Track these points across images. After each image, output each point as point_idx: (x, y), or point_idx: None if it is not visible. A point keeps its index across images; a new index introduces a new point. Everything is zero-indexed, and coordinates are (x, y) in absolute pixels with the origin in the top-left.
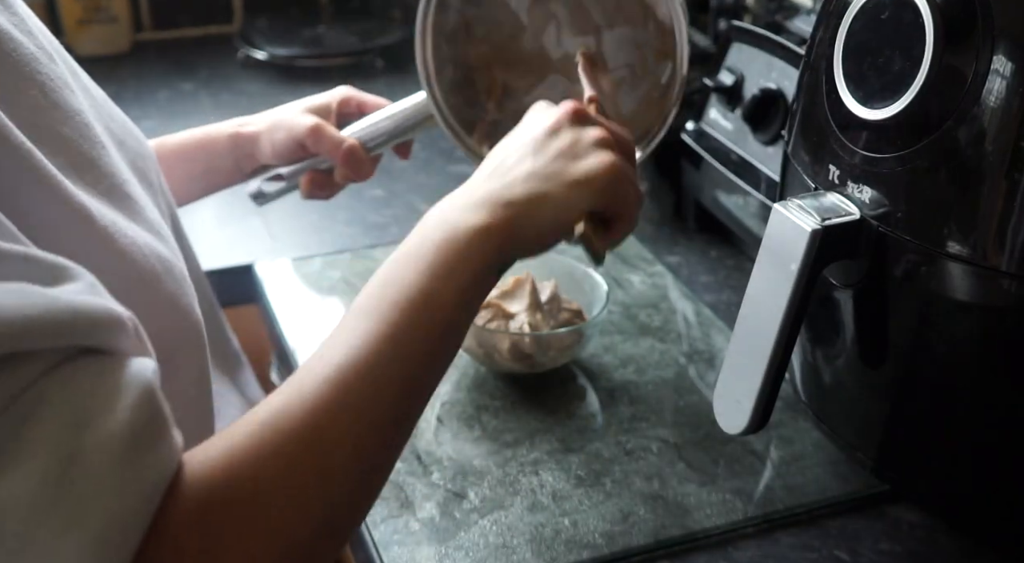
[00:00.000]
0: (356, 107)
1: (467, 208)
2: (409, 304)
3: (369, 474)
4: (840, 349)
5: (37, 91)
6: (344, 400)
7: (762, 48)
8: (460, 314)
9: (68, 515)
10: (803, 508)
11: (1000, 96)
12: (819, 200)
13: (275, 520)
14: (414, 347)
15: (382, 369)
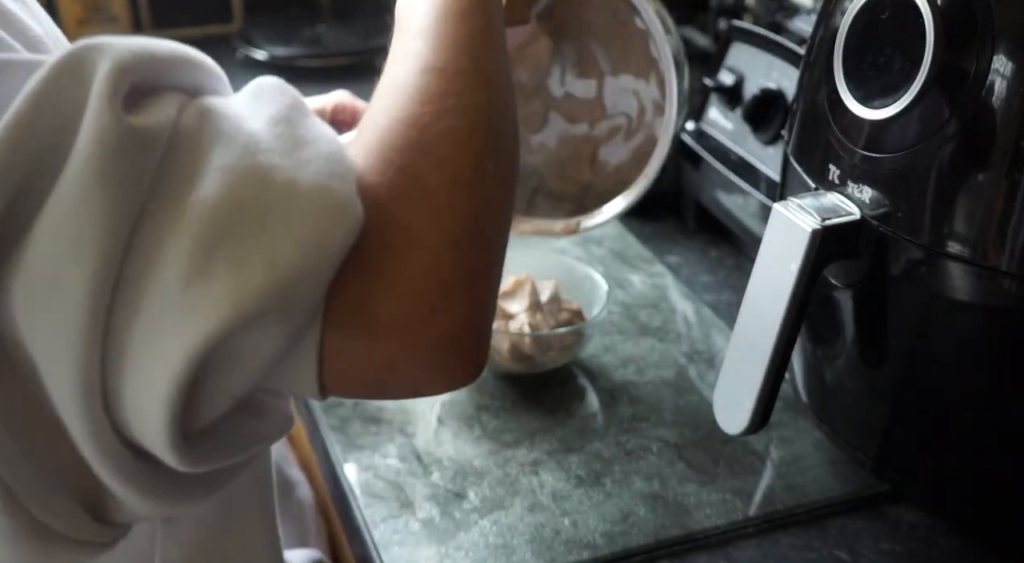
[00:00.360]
0: (351, 114)
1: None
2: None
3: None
4: (840, 349)
5: None
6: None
7: (762, 48)
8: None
9: (285, 169)
10: (803, 508)
11: (1000, 96)
12: (819, 200)
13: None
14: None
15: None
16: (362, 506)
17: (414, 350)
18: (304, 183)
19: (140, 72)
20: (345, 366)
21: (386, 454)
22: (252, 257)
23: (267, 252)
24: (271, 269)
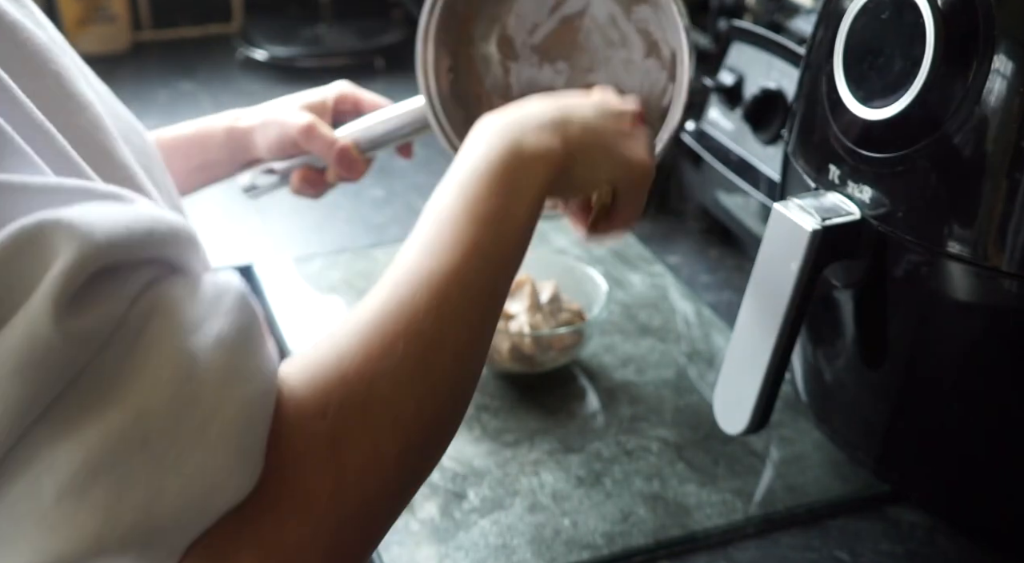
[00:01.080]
0: (352, 105)
1: (535, 129)
2: (488, 218)
3: (466, 374)
4: (840, 349)
5: (52, 81)
6: (440, 304)
7: (762, 48)
8: (528, 230)
9: (203, 410)
10: (803, 508)
11: (1000, 96)
12: (819, 200)
13: (388, 411)
14: (495, 257)
15: (472, 278)
16: None
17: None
18: (214, 432)
19: (104, 261)
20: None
21: None
22: (133, 494)
23: (150, 493)
24: (147, 513)
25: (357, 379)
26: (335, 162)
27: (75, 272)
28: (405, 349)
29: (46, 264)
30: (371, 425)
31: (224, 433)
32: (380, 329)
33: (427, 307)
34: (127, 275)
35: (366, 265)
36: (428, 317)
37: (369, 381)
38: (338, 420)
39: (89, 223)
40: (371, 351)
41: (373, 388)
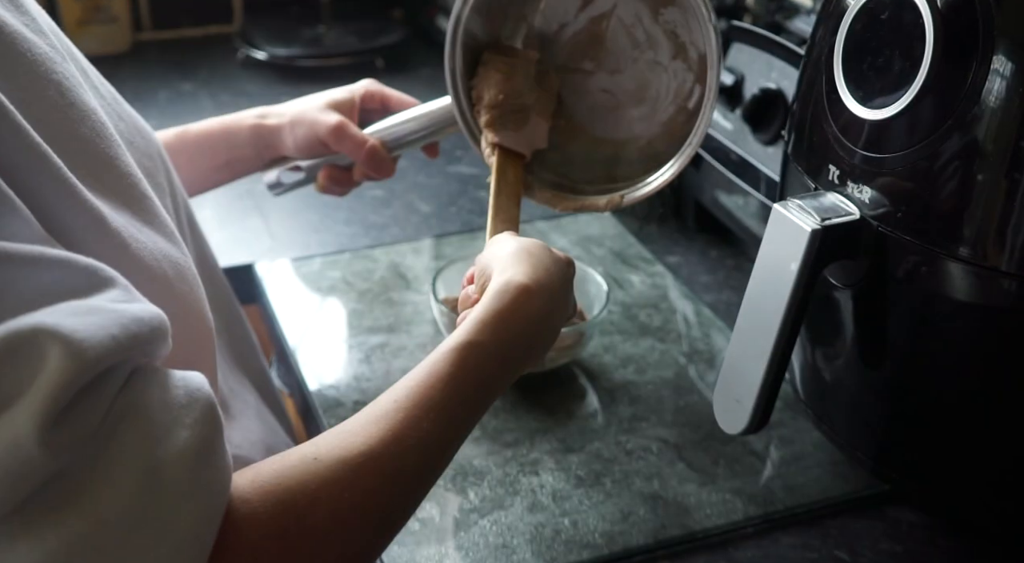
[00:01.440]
0: (380, 102)
1: (532, 345)
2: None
3: (395, 521)
4: (840, 349)
5: (54, 91)
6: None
7: (762, 48)
8: (479, 415)
9: (159, 522)
10: (803, 508)
11: (1000, 96)
12: (819, 200)
13: (323, 551)
14: (450, 447)
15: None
16: None
17: None
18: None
19: (91, 375)
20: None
21: None
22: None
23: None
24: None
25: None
26: (364, 161)
27: (64, 389)
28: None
29: (36, 373)
30: (321, 554)
31: (175, 548)
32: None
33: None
34: (106, 380)
35: (366, 265)
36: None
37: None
38: (293, 546)
39: (80, 337)
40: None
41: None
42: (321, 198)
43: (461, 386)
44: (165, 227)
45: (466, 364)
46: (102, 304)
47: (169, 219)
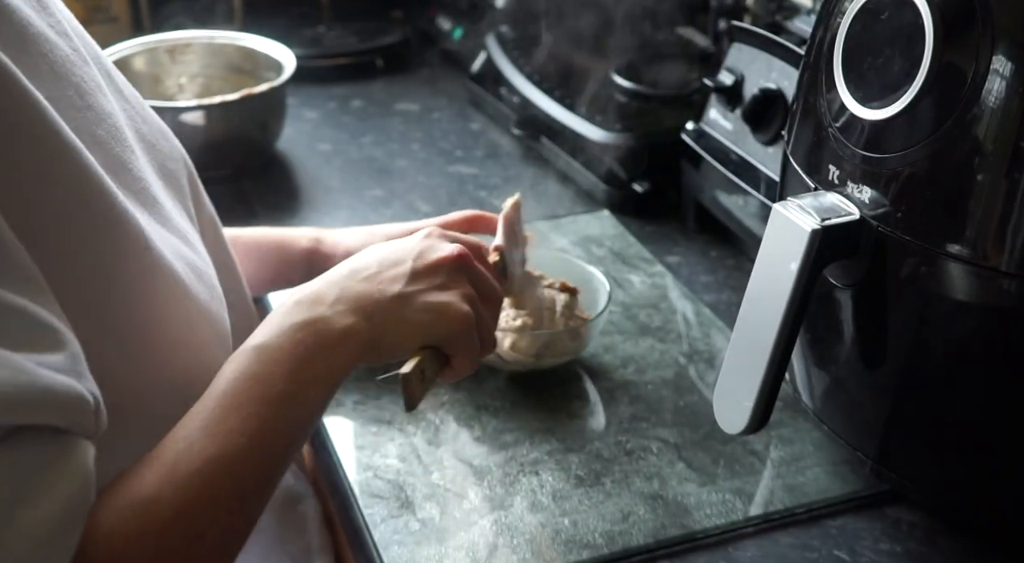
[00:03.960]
0: (485, 226)
1: (335, 312)
2: (275, 404)
3: (231, 547)
4: (840, 349)
5: (73, 92)
6: (213, 494)
7: (762, 48)
8: (318, 413)
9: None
10: (803, 508)
11: (1000, 96)
12: (819, 200)
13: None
14: (276, 442)
15: (249, 464)
16: (362, 506)
17: None
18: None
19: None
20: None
21: (386, 454)
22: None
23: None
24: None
25: (133, 555)
26: None
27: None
28: (171, 544)
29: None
30: None
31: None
32: (151, 518)
33: (200, 499)
34: None
35: None
36: (199, 511)
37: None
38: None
39: None
40: (142, 539)
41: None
42: (321, 197)
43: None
44: (179, 230)
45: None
46: (18, 361)
47: (185, 223)
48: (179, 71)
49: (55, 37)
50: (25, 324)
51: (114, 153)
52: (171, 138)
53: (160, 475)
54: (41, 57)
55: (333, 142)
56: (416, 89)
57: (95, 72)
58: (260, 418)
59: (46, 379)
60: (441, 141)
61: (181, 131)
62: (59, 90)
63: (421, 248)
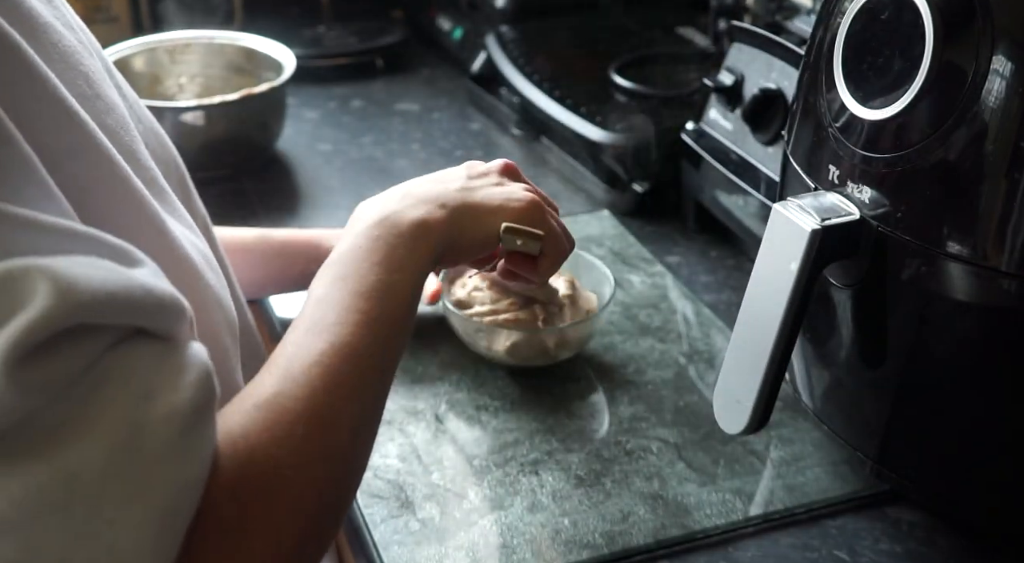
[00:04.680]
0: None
1: (406, 205)
2: (370, 293)
3: (360, 449)
4: (840, 349)
5: (83, 81)
6: (335, 382)
7: (762, 48)
8: (412, 299)
9: (134, 484)
10: (803, 508)
11: (1000, 96)
12: (819, 200)
13: (292, 495)
14: (380, 329)
15: (359, 350)
16: (362, 506)
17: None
18: (137, 513)
19: (75, 320)
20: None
21: (386, 454)
22: (38, 558)
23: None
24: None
25: (264, 461)
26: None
27: (41, 325)
28: (305, 431)
29: (17, 307)
30: (275, 511)
31: (146, 516)
32: (280, 411)
33: (323, 387)
34: (96, 333)
35: None
36: (325, 397)
37: (274, 465)
38: (246, 505)
39: (73, 279)
40: (274, 434)
41: (278, 472)
42: (321, 197)
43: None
44: (185, 219)
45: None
46: (115, 266)
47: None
48: (179, 71)
49: (62, 28)
50: (104, 247)
51: (123, 142)
52: (165, 140)
53: (277, 376)
54: (52, 46)
55: (333, 142)
56: (416, 89)
57: (99, 65)
58: (358, 310)
59: (145, 280)
60: (441, 141)
61: (181, 131)
62: (70, 79)
63: (468, 164)
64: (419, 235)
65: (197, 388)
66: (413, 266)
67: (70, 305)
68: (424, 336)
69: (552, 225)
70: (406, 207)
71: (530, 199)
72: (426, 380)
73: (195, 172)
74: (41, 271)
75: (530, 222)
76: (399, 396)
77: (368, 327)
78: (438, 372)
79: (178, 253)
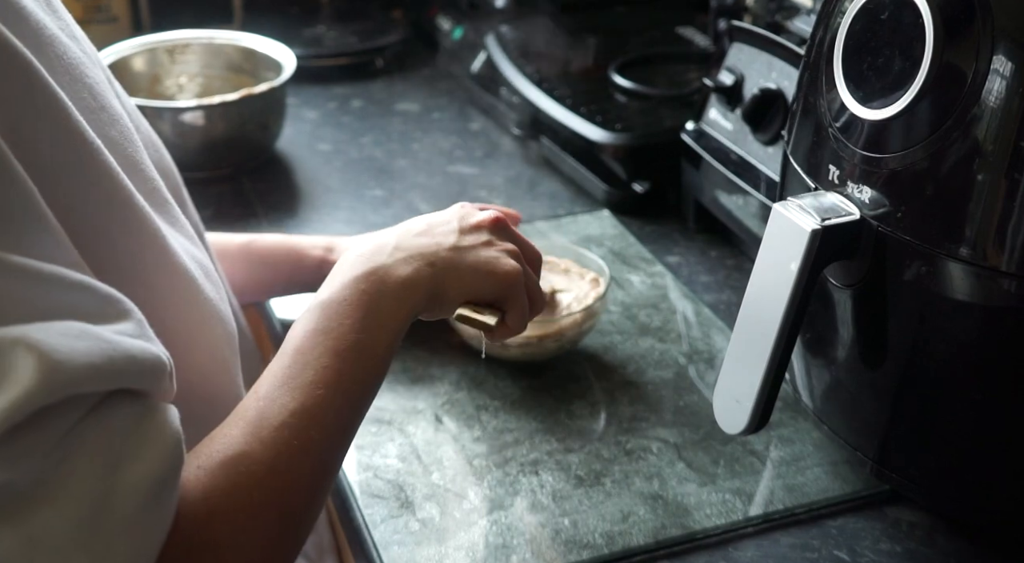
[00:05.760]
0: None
1: (395, 261)
2: (347, 353)
3: (314, 507)
4: (840, 349)
5: (87, 93)
6: (300, 447)
7: (762, 48)
8: (387, 358)
9: (95, 552)
10: (803, 508)
11: (1000, 96)
12: (819, 200)
13: (244, 553)
14: (352, 392)
15: (329, 415)
16: (362, 506)
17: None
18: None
19: (57, 397)
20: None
21: (386, 454)
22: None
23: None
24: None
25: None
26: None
27: (24, 404)
28: (263, 497)
29: (3, 384)
30: (234, 558)
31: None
32: (242, 474)
33: (288, 452)
34: (75, 403)
35: None
36: (288, 462)
37: (230, 528)
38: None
39: (60, 356)
40: (233, 499)
41: (232, 535)
42: (320, 197)
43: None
44: (186, 230)
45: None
46: (99, 332)
47: (189, 226)
48: (179, 71)
49: (67, 39)
50: (92, 298)
51: (127, 154)
52: (161, 148)
53: (247, 432)
54: (57, 58)
55: (333, 142)
56: (416, 89)
57: (102, 75)
58: (335, 370)
59: (126, 345)
60: (441, 141)
61: (181, 131)
62: (75, 91)
63: (461, 213)
64: (404, 295)
65: (165, 459)
66: (394, 324)
67: (54, 384)
68: (424, 336)
69: (520, 300)
70: (396, 263)
71: (510, 269)
72: (426, 380)
73: (195, 172)
74: (29, 346)
75: (507, 297)
76: (399, 396)
77: (341, 389)
78: (438, 372)
79: (178, 269)
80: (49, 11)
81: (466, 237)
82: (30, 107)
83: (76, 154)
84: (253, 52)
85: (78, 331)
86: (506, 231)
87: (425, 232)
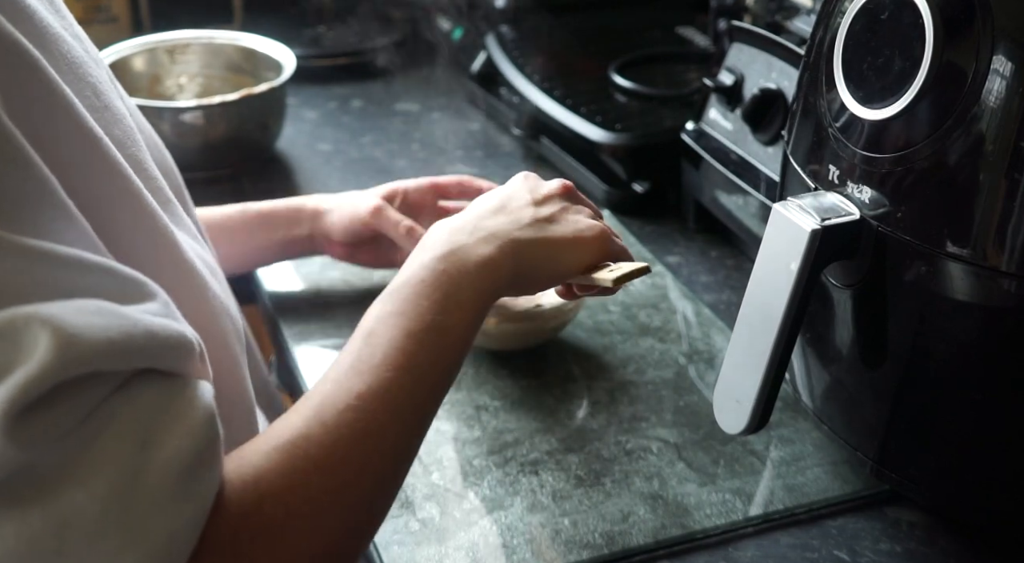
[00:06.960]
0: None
1: (476, 240)
2: (423, 335)
3: (383, 498)
4: (840, 349)
5: (91, 92)
6: (366, 428)
7: (762, 48)
8: (467, 341)
9: (129, 531)
10: (803, 508)
11: (1000, 96)
12: (819, 200)
13: (300, 543)
14: (427, 375)
15: (400, 397)
16: None
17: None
18: (131, 559)
19: (74, 373)
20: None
21: None
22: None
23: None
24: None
25: (273, 508)
26: (402, 239)
27: (40, 380)
28: (322, 481)
29: (17, 360)
30: (277, 558)
31: (143, 560)
32: (299, 457)
33: (352, 435)
34: (96, 382)
35: None
36: (351, 446)
37: (284, 513)
38: (246, 550)
39: (76, 330)
40: (289, 481)
41: (287, 521)
42: None
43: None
44: (190, 229)
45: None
46: (117, 308)
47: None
48: (179, 71)
49: (70, 38)
50: (115, 279)
51: (131, 153)
52: (162, 147)
53: (308, 416)
54: (62, 57)
55: (333, 142)
56: (416, 89)
57: (105, 75)
58: (408, 351)
59: (146, 321)
60: (441, 141)
61: (181, 131)
62: (79, 90)
63: (529, 185)
64: (485, 274)
65: (199, 433)
66: (473, 305)
67: (70, 359)
68: None
69: (622, 247)
70: (476, 242)
71: (599, 231)
72: None
73: (195, 172)
74: (44, 321)
75: (602, 255)
76: None
77: (414, 371)
78: None
79: (187, 266)
80: (52, 10)
81: (542, 209)
82: (41, 105)
83: (87, 151)
84: (253, 52)
85: (95, 308)
86: (574, 195)
87: (501, 209)
